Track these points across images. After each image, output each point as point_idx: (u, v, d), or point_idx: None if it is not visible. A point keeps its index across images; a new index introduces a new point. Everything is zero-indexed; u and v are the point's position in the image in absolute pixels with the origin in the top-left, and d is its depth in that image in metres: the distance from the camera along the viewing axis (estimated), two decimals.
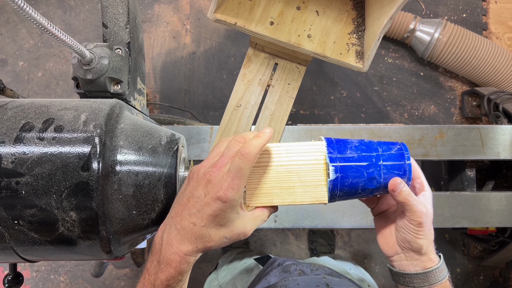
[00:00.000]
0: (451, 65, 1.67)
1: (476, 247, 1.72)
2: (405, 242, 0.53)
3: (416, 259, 0.53)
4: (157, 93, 1.80)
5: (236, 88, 0.91)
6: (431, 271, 0.53)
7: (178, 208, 0.45)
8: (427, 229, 0.51)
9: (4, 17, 1.83)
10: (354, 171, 0.50)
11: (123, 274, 1.73)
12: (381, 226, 0.57)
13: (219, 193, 0.42)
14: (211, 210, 0.43)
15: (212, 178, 0.43)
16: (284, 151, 0.51)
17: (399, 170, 0.51)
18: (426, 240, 0.52)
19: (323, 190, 0.50)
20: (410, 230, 0.51)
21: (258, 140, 0.44)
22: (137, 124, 0.52)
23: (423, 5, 1.83)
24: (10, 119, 0.47)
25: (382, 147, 0.52)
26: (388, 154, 0.51)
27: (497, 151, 0.98)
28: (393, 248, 0.55)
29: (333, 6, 0.84)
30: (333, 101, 1.81)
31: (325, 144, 0.51)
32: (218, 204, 0.43)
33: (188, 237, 0.44)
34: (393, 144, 0.53)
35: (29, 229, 0.45)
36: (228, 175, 0.43)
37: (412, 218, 0.51)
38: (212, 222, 0.44)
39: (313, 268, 0.73)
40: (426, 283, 0.53)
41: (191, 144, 0.95)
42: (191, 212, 0.44)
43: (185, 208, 0.44)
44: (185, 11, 1.83)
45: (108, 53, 0.56)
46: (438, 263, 0.53)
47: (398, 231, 0.53)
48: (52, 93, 1.81)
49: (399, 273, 0.55)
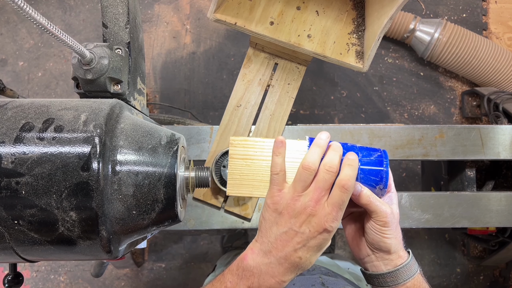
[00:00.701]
0: (451, 65, 1.67)
1: (476, 247, 1.72)
2: (374, 243, 0.54)
3: (386, 258, 0.54)
4: (157, 93, 1.80)
5: (236, 88, 0.91)
6: (402, 268, 0.53)
7: (277, 243, 0.48)
8: (393, 228, 0.52)
9: (4, 17, 1.83)
10: None
11: (123, 274, 1.73)
12: (350, 229, 0.58)
13: (326, 225, 0.46)
14: (317, 242, 0.47)
15: (315, 212, 0.46)
16: (268, 147, 0.53)
17: (376, 176, 0.52)
18: (394, 240, 0.53)
19: None
20: (377, 231, 0.52)
21: (352, 170, 0.47)
22: (137, 124, 0.52)
23: (423, 5, 1.83)
24: (10, 119, 0.47)
25: (363, 152, 0.53)
26: (367, 160, 0.53)
27: (497, 151, 0.98)
28: (364, 250, 0.56)
29: (333, 6, 0.84)
30: (333, 101, 1.81)
31: (307, 144, 0.52)
32: (324, 235, 0.47)
33: (292, 269, 0.48)
34: (374, 150, 0.54)
35: (29, 229, 0.45)
36: (333, 209, 0.46)
37: (377, 219, 0.52)
38: (316, 251, 0.48)
39: (310, 268, 0.73)
40: (399, 279, 0.53)
41: (191, 144, 0.95)
42: (296, 248, 0.47)
43: (287, 245, 0.47)
44: (185, 11, 1.83)
45: (108, 53, 0.56)
46: (407, 259, 0.54)
47: (366, 233, 0.54)
48: (52, 93, 1.81)
49: (372, 274, 0.56)
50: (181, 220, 0.55)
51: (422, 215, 0.96)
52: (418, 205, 0.96)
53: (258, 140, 0.53)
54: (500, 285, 1.75)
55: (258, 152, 0.53)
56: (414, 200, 0.96)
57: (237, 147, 0.53)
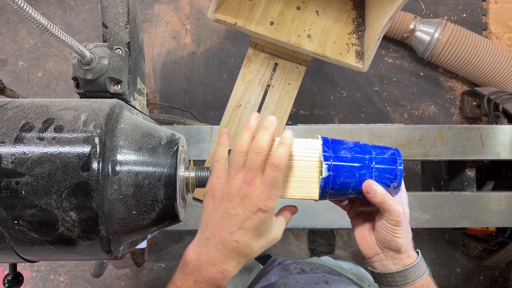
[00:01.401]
0: (451, 65, 1.67)
1: (476, 247, 1.72)
2: (385, 242, 0.53)
3: (396, 257, 0.54)
4: (157, 93, 1.80)
5: (236, 88, 0.91)
6: (411, 268, 0.53)
7: (214, 229, 0.46)
8: (404, 228, 0.52)
9: (4, 17, 1.83)
10: (347, 171, 0.51)
11: (123, 274, 1.73)
12: (359, 228, 0.58)
13: (259, 205, 0.44)
14: (253, 223, 0.45)
15: (248, 193, 0.45)
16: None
17: (390, 174, 0.52)
18: (405, 239, 0.53)
19: (314, 187, 0.51)
20: (389, 230, 0.52)
21: (284, 148, 0.45)
22: (137, 124, 0.52)
23: (423, 5, 1.83)
24: (10, 119, 0.47)
25: (376, 151, 0.53)
26: (381, 158, 0.52)
27: (497, 151, 0.98)
28: (373, 249, 0.56)
29: (333, 6, 0.84)
30: (333, 101, 1.81)
31: (321, 142, 0.52)
32: (259, 216, 0.45)
33: (231, 255, 0.46)
34: (387, 148, 0.54)
35: (29, 229, 0.45)
36: (265, 187, 0.44)
37: (390, 218, 0.51)
38: (254, 234, 0.45)
39: (313, 267, 0.73)
40: (408, 279, 0.53)
41: (191, 144, 0.95)
42: (232, 231, 0.45)
43: (223, 228, 0.46)
44: (185, 11, 1.83)
45: (108, 53, 0.56)
46: (417, 259, 0.54)
47: (377, 232, 0.54)
48: (52, 93, 1.81)
49: (380, 273, 0.55)
50: (181, 220, 0.55)
51: (422, 215, 0.96)
52: (418, 205, 0.96)
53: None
54: (500, 285, 1.75)
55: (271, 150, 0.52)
56: (414, 200, 0.96)
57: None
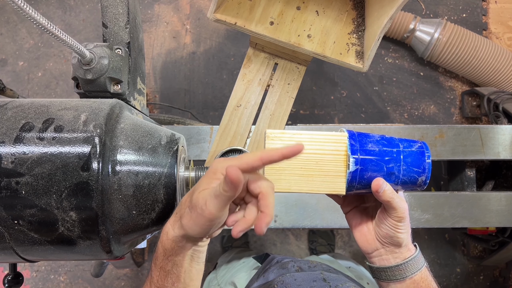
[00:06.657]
0: (451, 65, 1.67)
1: (476, 247, 1.72)
2: (387, 237, 0.53)
3: (396, 252, 0.54)
4: (157, 93, 1.80)
5: (236, 88, 0.91)
6: (410, 260, 0.53)
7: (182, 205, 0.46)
8: (407, 223, 0.52)
9: (4, 17, 1.83)
10: (374, 165, 0.50)
11: (123, 274, 1.73)
12: (357, 223, 0.57)
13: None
14: (206, 181, 0.42)
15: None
16: (306, 139, 0.50)
17: (418, 168, 0.50)
18: (406, 234, 0.53)
19: (341, 181, 0.50)
20: (392, 226, 0.52)
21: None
22: (137, 124, 0.52)
23: (423, 5, 1.83)
24: (10, 119, 0.47)
25: (403, 144, 0.52)
26: (409, 151, 0.51)
27: (497, 151, 0.98)
28: (373, 245, 0.56)
29: (333, 6, 0.83)
30: (333, 101, 1.81)
31: (347, 135, 0.51)
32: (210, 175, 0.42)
33: (178, 217, 0.44)
34: (414, 141, 0.53)
35: (29, 229, 0.45)
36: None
37: (395, 215, 0.51)
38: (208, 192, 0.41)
39: (311, 265, 0.73)
40: (407, 272, 0.53)
41: (191, 144, 0.95)
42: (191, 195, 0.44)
43: (186, 200, 0.44)
44: (185, 11, 1.83)
45: (108, 53, 0.56)
46: (415, 252, 0.54)
47: (379, 227, 0.54)
48: (52, 93, 1.81)
49: (380, 268, 0.55)
50: None
51: (422, 215, 0.96)
52: (418, 205, 0.96)
53: (296, 133, 0.51)
54: (500, 285, 1.75)
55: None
56: (414, 200, 0.96)
57: (274, 140, 0.50)
